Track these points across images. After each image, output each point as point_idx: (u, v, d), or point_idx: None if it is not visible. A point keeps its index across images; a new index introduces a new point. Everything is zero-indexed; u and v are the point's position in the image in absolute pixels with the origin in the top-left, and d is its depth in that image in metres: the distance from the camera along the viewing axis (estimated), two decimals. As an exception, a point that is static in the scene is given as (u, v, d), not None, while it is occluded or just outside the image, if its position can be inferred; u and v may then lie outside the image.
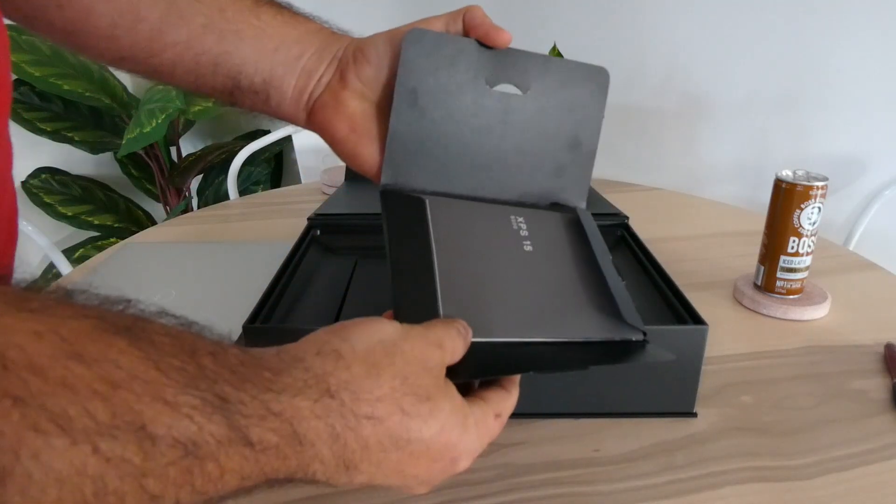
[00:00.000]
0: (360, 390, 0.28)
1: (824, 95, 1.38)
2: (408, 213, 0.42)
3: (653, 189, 1.19)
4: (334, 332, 0.30)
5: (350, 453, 0.27)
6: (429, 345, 0.31)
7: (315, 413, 0.26)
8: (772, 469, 0.49)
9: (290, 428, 0.26)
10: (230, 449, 0.24)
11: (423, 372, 0.30)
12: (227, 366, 0.25)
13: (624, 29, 1.55)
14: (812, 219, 0.70)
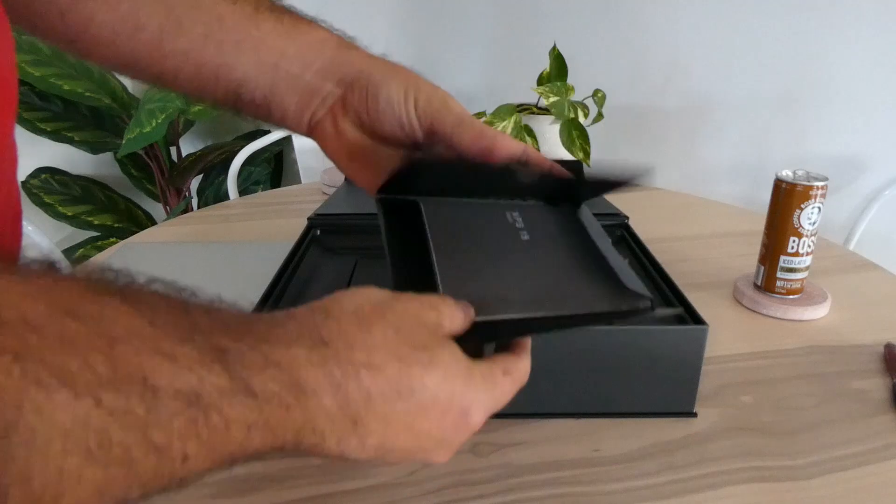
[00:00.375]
0: (353, 339, 0.27)
1: (824, 95, 1.38)
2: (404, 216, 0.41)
3: (653, 189, 1.19)
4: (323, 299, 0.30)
5: (354, 405, 0.27)
6: (423, 305, 0.31)
7: (311, 361, 0.26)
8: (772, 469, 0.49)
9: (289, 376, 0.25)
10: (233, 399, 0.23)
11: (418, 325, 0.29)
12: (222, 321, 0.25)
13: (624, 29, 1.55)
14: (812, 219, 0.70)
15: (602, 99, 1.13)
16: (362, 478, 0.48)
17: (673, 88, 1.53)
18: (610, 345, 0.52)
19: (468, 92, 1.76)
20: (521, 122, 1.01)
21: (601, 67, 1.55)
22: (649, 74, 1.55)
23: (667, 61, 1.52)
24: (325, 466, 0.49)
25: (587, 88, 1.12)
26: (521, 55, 1.64)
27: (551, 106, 1.04)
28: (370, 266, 0.69)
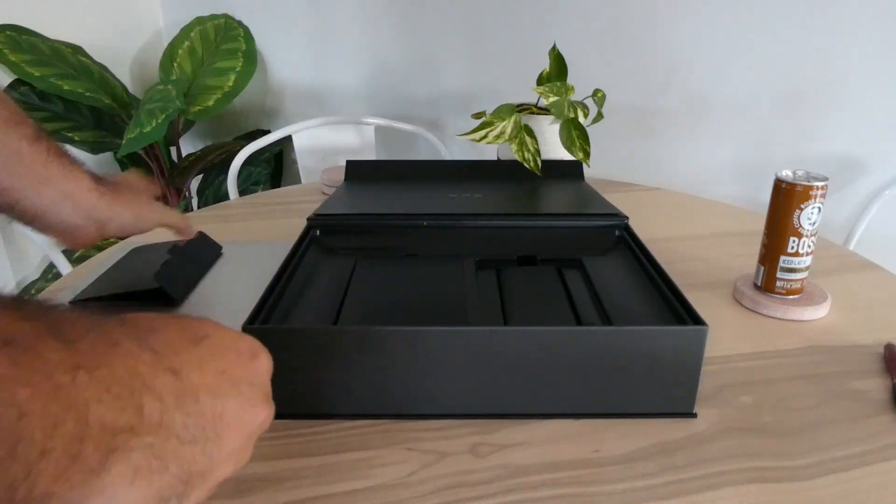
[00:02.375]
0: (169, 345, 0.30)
1: (824, 95, 1.38)
2: None
3: (653, 189, 1.19)
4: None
5: (143, 332, 0.29)
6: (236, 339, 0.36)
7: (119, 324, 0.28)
8: (772, 469, 0.49)
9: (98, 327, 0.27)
10: (47, 340, 0.24)
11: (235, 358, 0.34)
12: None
13: (624, 29, 1.55)
14: (812, 219, 0.70)
15: (602, 99, 1.13)
16: (362, 478, 0.48)
17: (673, 88, 1.53)
18: (609, 345, 0.52)
19: (468, 92, 1.76)
20: (520, 122, 1.01)
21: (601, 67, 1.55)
22: (649, 74, 1.55)
23: (667, 61, 1.52)
24: (325, 466, 0.49)
25: (587, 88, 1.12)
26: (521, 55, 1.64)
27: (551, 106, 1.04)
28: (370, 266, 0.69)
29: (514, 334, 0.52)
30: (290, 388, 0.53)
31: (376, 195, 0.90)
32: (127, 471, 0.25)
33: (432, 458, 0.50)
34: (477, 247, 0.74)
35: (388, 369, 0.52)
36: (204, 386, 0.30)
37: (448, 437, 0.52)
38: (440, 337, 0.52)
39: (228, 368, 0.32)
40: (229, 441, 0.31)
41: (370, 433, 0.53)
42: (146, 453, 0.26)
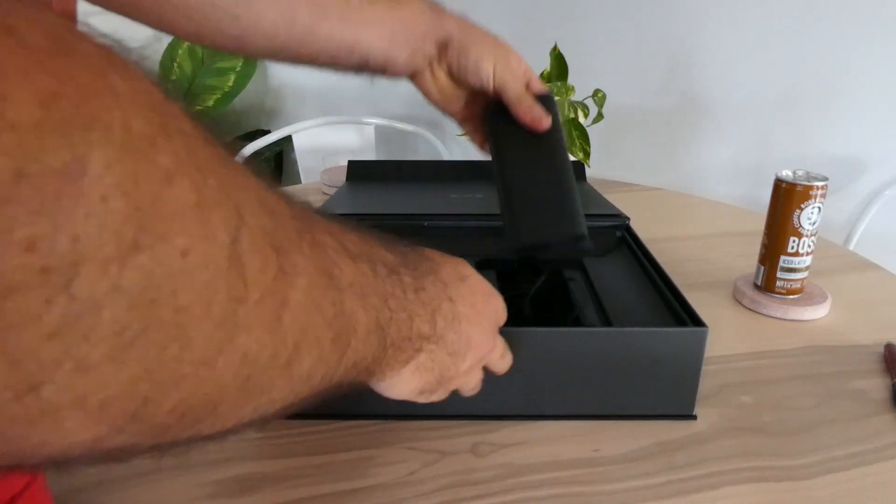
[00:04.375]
0: (458, 305, 0.38)
1: (824, 96, 1.38)
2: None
3: (653, 189, 1.19)
4: (444, 265, 0.39)
5: (454, 290, 0.38)
6: (496, 304, 0.43)
7: (436, 260, 0.38)
8: (772, 469, 0.49)
9: (428, 264, 0.37)
10: (405, 270, 0.33)
11: (489, 318, 0.41)
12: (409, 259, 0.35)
13: (624, 29, 1.55)
14: (812, 219, 0.70)
15: (602, 99, 1.13)
16: (362, 478, 0.48)
17: (673, 88, 1.53)
18: (609, 346, 0.52)
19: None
20: (521, 122, 1.01)
21: (601, 67, 1.55)
22: (649, 74, 1.55)
23: (667, 61, 1.52)
24: (325, 466, 0.49)
25: (587, 88, 1.12)
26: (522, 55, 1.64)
27: (551, 106, 1.04)
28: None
29: (513, 335, 0.52)
30: (290, 387, 0.53)
31: (377, 195, 0.90)
32: (416, 366, 0.36)
33: (433, 457, 0.50)
34: (477, 247, 0.74)
35: (388, 369, 0.52)
36: (464, 314, 0.38)
37: (448, 436, 0.52)
38: (440, 337, 0.52)
39: (478, 304, 0.40)
40: (468, 360, 0.40)
41: (370, 433, 0.53)
42: (428, 356, 0.36)
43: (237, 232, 0.20)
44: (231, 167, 0.21)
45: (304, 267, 0.24)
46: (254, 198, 0.22)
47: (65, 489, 0.47)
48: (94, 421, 0.17)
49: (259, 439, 0.52)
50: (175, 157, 0.18)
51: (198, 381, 0.19)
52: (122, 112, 0.16)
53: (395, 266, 0.33)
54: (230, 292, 0.20)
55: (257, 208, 0.22)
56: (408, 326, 0.33)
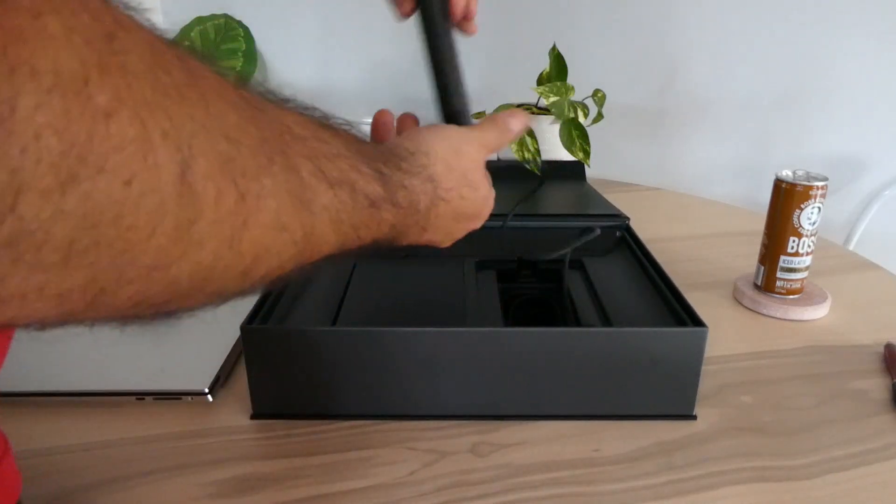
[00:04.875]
0: (442, 180, 0.41)
1: (824, 95, 1.38)
2: None
3: (653, 189, 1.19)
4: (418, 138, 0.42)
5: (430, 222, 0.40)
6: (482, 148, 0.45)
7: (423, 190, 0.39)
8: (772, 469, 0.49)
9: (413, 197, 0.38)
10: (386, 206, 0.35)
11: (475, 168, 0.44)
12: (377, 151, 0.37)
13: (624, 29, 1.55)
14: (812, 219, 0.70)
15: (602, 99, 1.13)
16: (362, 478, 0.48)
17: (673, 88, 1.53)
18: (609, 346, 0.52)
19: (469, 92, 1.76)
20: (521, 122, 1.01)
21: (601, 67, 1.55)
22: (649, 74, 1.55)
23: (667, 61, 1.52)
24: (325, 466, 0.49)
25: (587, 88, 1.12)
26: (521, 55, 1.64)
27: (551, 106, 1.04)
28: (369, 266, 0.69)
29: (513, 335, 0.52)
30: (290, 387, 0.53)
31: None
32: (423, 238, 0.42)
33: (433, 457, 0.50)
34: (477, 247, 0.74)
35: (387, 369, 0.52)
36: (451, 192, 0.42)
37: (448, 436, 0.52)
38: (440, 338, 0.52)
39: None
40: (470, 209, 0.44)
41: (370, 433, 0.53)
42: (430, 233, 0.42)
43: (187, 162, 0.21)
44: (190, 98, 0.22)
45: (273, 190, 0.26)
46: (215, 127, 0.23)
47: (65, 489, 0.47)
48: (56, 305, 0.20)
49: (259, 439, 0.52)
50: (113, 94, 0.19)
51: (150, 282, 0.22)
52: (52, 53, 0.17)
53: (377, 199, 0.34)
54: (181, 215, 0.21)
55: (217, 137, 0.23)
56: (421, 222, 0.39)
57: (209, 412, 0.55)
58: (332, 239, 0.32)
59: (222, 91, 0.25)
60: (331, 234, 0.31)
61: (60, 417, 0.54)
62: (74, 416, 0.54)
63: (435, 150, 0.41)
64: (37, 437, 0.52)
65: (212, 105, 0.23)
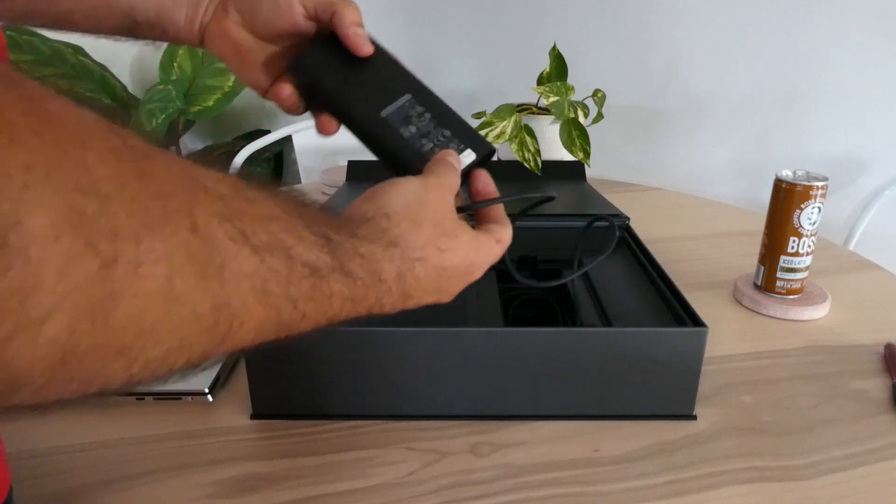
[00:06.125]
0: (410, 240, 0.36)
1: (824, 96, 1.38)
2: None
3: (653, 189, 1.19)
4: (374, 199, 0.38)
5: (409, 288, 0.36)
6: (445, 191, 0.40)
7: (385, 256, 0.35)
8: (772, 469, 0.49)
9: (372, 266, 0.34)
10: (335, 275, 0.31)
11: (446, 214, 0.39)
12: (329, 214, 0.34)
13: (624, 29, 1.55)
14: (812, 219, 0.70)
15: (602, 99, 1.13)
16: (362, 478, 0.48)
17: (673, 88, 1.53)
18: (609, 346, 0.52)
19: (468, 92, 1.76)
20: (521, 122, 1.01)
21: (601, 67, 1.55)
22: (649, 74, 1.55)
23: (667, 61, 1.52)
24: (325, 466, 0.49)
25: (587, 88, 1.12)
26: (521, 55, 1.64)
27: (551, 106, 1.04)
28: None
29: (513, 335, 0.52)
30: (289, 388, 0.53)
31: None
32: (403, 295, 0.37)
33: (433, 457, 0.50)
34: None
35: (388, 369, 0.52)
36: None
37: (448, 436, 0.52)
38: (439, 338, 0.52)
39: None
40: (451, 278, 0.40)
41: (370, 433, 0.53)
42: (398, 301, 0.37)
43: (15, 219, 0.18)
44: (31, 143, 0.19)
45: (165, 254, 0.22)
46: (66, 177, 0.20)
47: (65, 489, 0.47)
48: None
49: (259, 439, 0.52)
50: None
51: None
52: None
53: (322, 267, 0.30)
54: (6, 285, 0.18)
55: (66, 189, 0.20)
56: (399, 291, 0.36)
57: (209, 412, 0.55)
58: (258, 313, 0.27)
59: (92, 136, 0.21)
60: (256, 306, 0.27)
61: (60, 417, 0.54)
62: (74, 416, 0.54)
63: (395, 210, 0.37)
64: (37, 438, 0.52)
65: (69, 152, 0.20)
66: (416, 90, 0.46)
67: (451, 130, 0.45)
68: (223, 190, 0.26)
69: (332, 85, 0.45)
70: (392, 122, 0.45)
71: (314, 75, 0.46)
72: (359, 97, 0.45)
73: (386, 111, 0.45)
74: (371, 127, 0.45)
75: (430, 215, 0.38)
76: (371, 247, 0.34)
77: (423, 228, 0.37)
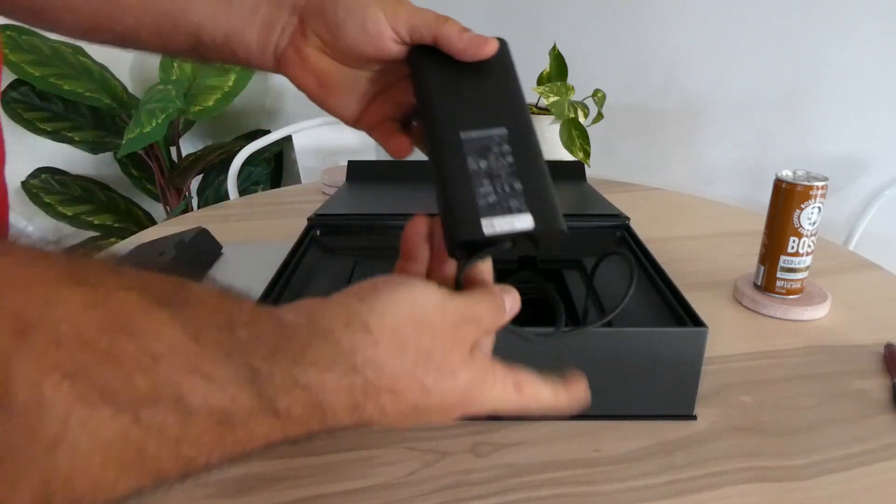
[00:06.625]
0: (384, 366, 0.28)
1: (824, 95, 1.38)
2: None
3: (653, 189, 1.19)
4: (364, 297, 0.30)
5: (367, 417, 0.29)
6: (464, 320, 0.31)
7: (340, 386, 0.27)
8: (772, 469, 0.49)
9: (315, 399, 0.27)
10: (259, 418, 0.25)
11: (452, 347, 0.30)
12: (261, 337, 0.26)
13: (624, 29, 1.55)
14: (812, 219, 0.70)
15: (602, 99, 1.13)
16: (362, 478, 0.48)
17: (673, 88, 1.53)
18: (609, 346, 0.52)
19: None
20: (521, 122, 1.01)
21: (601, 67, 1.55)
22: (649, 74, 1.55)
23: (667, 61, 1.52)
24: (325, 466, 0.49)
25: (587, 88, 1.12)
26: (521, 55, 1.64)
27: (551, 106, 1.04)
28: (369, 266, 0.69)
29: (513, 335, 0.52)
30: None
31: (377, 195, 0.90)
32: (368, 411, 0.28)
33: (433, 457, 0.50)
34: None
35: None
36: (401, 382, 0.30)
37: (448, 436, 0.52)
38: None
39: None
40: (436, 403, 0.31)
41: (370, 433, 0.53)
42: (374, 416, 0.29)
43: None
44: None
45: None
46: None
47: (65, 489, 0.47)
48: None
49: (259, 439, 0.52)
50: None
51: None
52: None
53: (236, 413, 0.24)
54: None
55: None
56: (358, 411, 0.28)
57: (209, 412, 0.55)
58: (126, 484, 0.22)
59: None
60: (122, 478, 0.21)
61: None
62: (74, 416, 0.54)
63: (382, 323, 0.28)
64: (37, 437, 0.52)
65: None
66: (517, 128, 0.38)
67: (524, 186, 0.36)
68: (85, 327, 0.21)
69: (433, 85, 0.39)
70: (466, 147, 0.37)
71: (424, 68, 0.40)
72: (449, 106, 0.38)
73: (467, 134, 0.37)
74: (440, 142, 0.37)
75: (425, 342, 0.29)
76: (320, 376, 0.27)
77: (407, 357, 0.29)
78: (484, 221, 0.34)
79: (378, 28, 0.38)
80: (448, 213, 0.34)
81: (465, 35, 0.38)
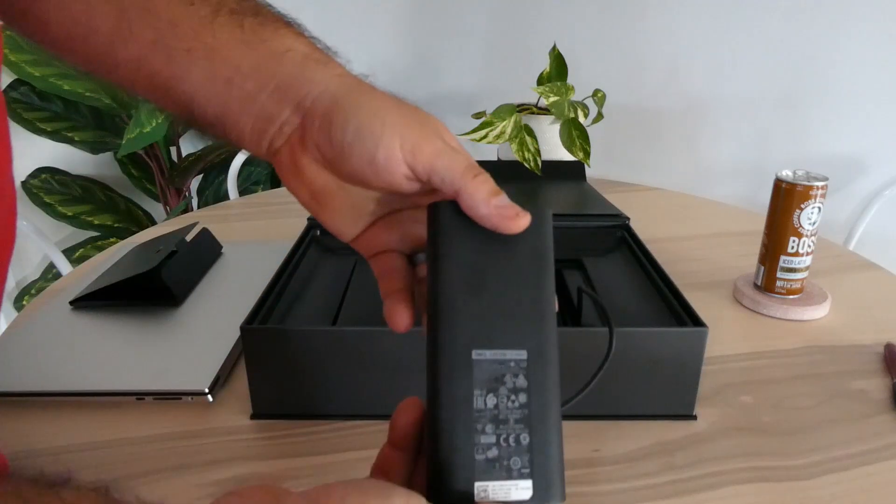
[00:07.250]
0: None
1: (824, 95, 1.38)
2: None
3: (653, 189, 1.19)
4: (316, 500, 0.27)
5: None
6: None
7: None
8: (772, 469, 0.49)
9: None
10: None
11: None
12: None
13: (624, 29, 1.55)
14: (812, 219, 0.70)
15: (602, 99, 1.13)
16: (362, 478, 0.48)
17: (673, 88, 1.53)
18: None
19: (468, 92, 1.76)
20: (521, 122, 1.01)
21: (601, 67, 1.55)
22: (649, 74, 1.55)
23: (667, 61, 1.52)
24: (326, 466, 0.49)
25: (587, 88, 1.12)
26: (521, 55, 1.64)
27: (551, 106, 1.04)
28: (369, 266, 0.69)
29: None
30: (289, 388, 0.53)
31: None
32: None
33: (432, 457, 0.50)
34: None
35: (387, 369, 0.52)
36: None
37: (448, 436, 0.52)
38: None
39: None
40: None
41: (370, 433, 0.53)
42: None
43: None
44: None
45: None
46: None
47: (64, 489, 0.47)
48: None
49: (259, 439, 0.52)
50: None
51: None
52: None
53: None
54: None
55: None
56: None
57: (209, 412, 0.55)
58: None
59: None
60: None
61: (61, 417, 0.54)
62: (74, 416, 0.54)
63: None
64: (37, 437, 0.52)
65: None
66: (539, 351, 0.31)
67: (532, 439, 0.30)
68: None
69: (451, 266, 0.32)
70: (477, 373, 0.30)
71: (442, 231, 0.32)
72: (465, 304, 0.31)
73: (480, 354, 0.31)
74: (448, 361, 0.31)
75: None
76: None
77: None
78: (478, 485, 0.29)
79: (390, 163, 0.32)
80: (436, 454, 0.29)
81: (494, 201, 0.31)
